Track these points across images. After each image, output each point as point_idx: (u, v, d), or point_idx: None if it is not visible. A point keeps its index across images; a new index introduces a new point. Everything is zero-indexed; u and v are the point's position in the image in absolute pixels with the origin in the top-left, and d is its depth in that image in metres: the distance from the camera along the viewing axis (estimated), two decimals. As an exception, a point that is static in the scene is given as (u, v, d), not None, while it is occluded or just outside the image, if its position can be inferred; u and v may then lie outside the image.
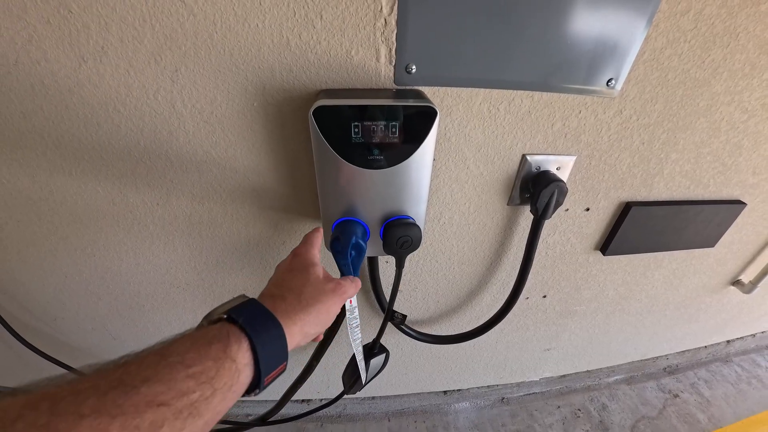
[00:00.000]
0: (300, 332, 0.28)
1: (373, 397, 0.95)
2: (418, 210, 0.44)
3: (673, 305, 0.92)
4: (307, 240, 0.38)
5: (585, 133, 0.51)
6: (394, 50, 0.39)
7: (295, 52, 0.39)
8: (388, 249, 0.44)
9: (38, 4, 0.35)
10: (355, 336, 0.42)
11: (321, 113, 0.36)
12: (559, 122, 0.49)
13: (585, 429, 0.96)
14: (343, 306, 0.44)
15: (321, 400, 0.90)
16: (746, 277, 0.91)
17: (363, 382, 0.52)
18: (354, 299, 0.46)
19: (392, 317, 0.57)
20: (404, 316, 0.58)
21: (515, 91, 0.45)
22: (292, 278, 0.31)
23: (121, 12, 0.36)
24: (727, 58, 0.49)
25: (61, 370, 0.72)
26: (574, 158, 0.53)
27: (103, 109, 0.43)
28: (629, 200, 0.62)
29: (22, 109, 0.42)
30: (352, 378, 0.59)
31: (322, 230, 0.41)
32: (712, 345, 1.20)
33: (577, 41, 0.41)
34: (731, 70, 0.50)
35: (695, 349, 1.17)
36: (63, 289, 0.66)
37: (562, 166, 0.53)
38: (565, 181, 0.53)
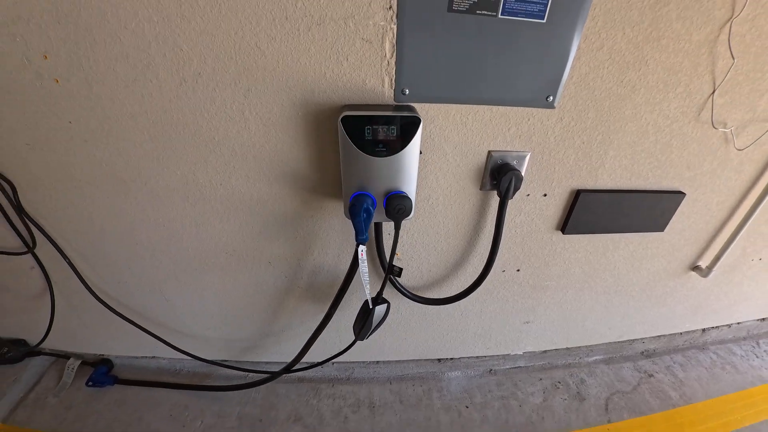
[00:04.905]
0: None
1: (378, 362, 1.10)
2: (409, 187, 0.62)
3: (639, 287, 1.05)
4: None
5: (535, 135, 0.68)
6: (394, 79, 0.58)
7: (329, 80, 0.58)
8: (388, 214, 0.62)
9: (157, 43, 0.55)
10: (364, 273, 0.59)
11: (346, 120, 0.55)
12: (513, 127, 0.67)
13: (563, 398, 1.09)
14: (356, 256, 0.62)
15: (334, 363, 1.05)
16: (704, 263, 1.03)
17: (369, 303, 0.69)
18: (364, 253, 0.63)
19: (392, 270, 0.73)
20: (401, 269, 0.75)
21: (479, 106, 0.63)
22: None
23: (216, 51, 0.56)
24: (641, 78, 0.64)
25: (125, 324, 0.89)
26: (529, 153, 0.70)
27: (192, 113, 0.62)
28: (579, 188, 0.78)
29: (131, 111, 0.60)
30: (360, 325, 0.76)
31: None
32: (687, 332, 1.30)
33: (522, 72, 0.59)
34: (647, 87, 0.65)
35: (671, 335, 1.28)
36: (133, 257, 0.83)
37: (519, 160, 0.70)
38: (522, 171, 0.70)
